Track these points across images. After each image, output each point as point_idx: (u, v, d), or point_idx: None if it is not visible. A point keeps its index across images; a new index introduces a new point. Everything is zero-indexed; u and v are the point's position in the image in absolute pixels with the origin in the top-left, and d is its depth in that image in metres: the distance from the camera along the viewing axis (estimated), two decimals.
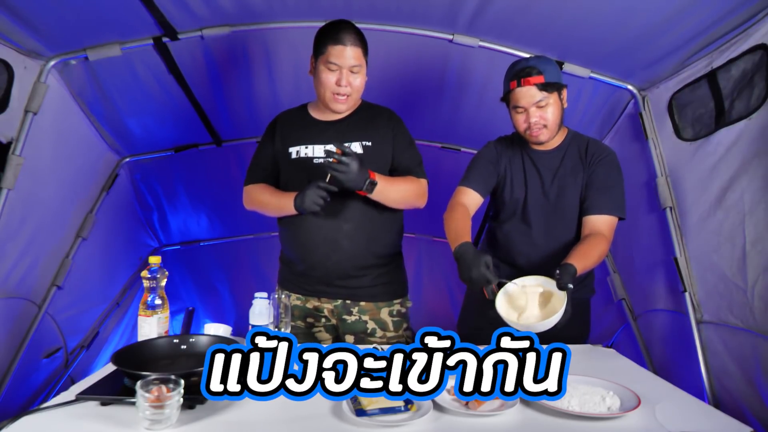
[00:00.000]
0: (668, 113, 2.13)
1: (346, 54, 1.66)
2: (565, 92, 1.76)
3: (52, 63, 2.06)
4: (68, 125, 2.30)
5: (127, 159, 2.83)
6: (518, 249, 1.84)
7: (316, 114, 1.83)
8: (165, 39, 2.14)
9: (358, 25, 1.74)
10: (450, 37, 2.22)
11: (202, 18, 2.08)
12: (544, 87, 1.68)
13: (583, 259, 1.55)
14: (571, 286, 1.46)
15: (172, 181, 3.16)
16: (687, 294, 2.00)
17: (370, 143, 1.77)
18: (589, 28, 1.98)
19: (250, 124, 2.87)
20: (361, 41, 1.71)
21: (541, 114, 1.71)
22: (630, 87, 2.28)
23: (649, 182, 2.23)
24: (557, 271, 1.49)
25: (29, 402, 2.33)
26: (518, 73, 1.70)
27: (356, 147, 1.75)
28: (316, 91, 1.77)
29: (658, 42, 1.93)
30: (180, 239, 3.58)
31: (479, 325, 1.93)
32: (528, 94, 1.69)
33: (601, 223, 1.72)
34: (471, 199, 1.79)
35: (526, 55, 2.19)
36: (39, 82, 2.03)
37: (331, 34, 1.68)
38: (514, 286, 1.54)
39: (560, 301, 1.47)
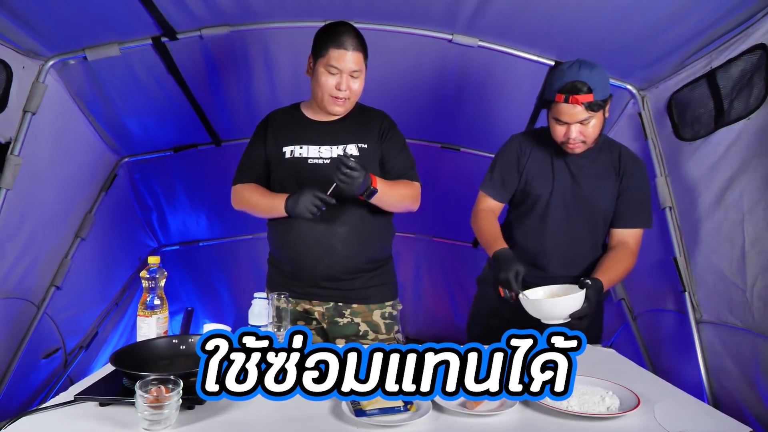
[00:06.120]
0: (667, 113, 2.13)
1: (348, 58, 1.64)
2: (609, 102, 1.66)
3: (50, 63, 2.06)
4: (67, 125, 2.29)
5: (126, 159, 2.83)
6: (537, 246, 1.80)
7: (310, 114, 1.81)
8: (164, 39, 2.13)
9: (357, 25, 1.73)
10: (449, 36, 2.22)
11: (201, 18, 2.08)
12: (591, 106, 1.58)
13: (608, 273, 1.66)
14: (589, 281, 1.55)
15: (171, 181, 3.15)
16: (686, 294, 2.00)
17: (366, 145, 1.76)
18: (588, 28, 1.98)
19: (249, 124, 2.84)
20: (363, 46, 1.69)
21: (582, 130, 1.62)
22: (629, 87, 2.28)
23: None
24: (582, 279, 1.58)
25: (28, 402, 2.33)
26: (567, 88, 1.58)
27: (352, 149, 1.74)
28: (312, 92, 1.75)
29: (658, 42, 1.93)
30: (179, 239, 3.58)
31: (492, 326, 1.92)
32: (573, 111, 1.59)
33: (629, 236, 1.76)
34: (494, 205, 1.85)
35: (525, 55, 2.20)
36: (37, 82, 2.03)
37: (333, 36, 1.65)
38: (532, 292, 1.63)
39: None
